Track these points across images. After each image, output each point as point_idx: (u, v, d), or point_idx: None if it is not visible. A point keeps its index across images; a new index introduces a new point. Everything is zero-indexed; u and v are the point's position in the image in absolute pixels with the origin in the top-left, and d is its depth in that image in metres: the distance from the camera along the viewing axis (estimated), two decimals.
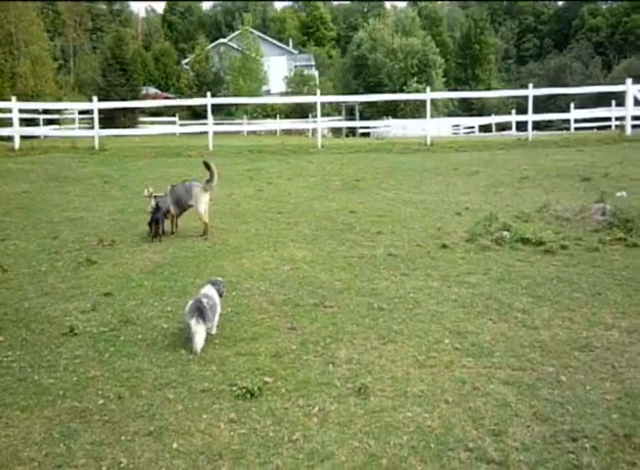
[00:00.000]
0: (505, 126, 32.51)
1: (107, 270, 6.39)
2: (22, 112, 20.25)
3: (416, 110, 45.32)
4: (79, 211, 9.36)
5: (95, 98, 18.92)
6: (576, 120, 27.04)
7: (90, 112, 19.49)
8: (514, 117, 25.10)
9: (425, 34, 61.43)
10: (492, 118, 30.17)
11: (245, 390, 3.71)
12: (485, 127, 36.89)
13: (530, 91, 18.00)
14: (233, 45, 50.47)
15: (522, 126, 23.53)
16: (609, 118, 25.09)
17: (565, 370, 3.93)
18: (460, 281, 5.75)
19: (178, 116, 34.96)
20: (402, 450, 3.12)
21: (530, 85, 18.42)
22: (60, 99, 34.25)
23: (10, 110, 18.41)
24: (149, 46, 69.47)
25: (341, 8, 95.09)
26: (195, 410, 3.56)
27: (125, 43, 40.46)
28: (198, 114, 33.95)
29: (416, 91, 44.12)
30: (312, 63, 57.51)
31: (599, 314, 4.86)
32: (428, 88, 21.55)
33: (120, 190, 11.32)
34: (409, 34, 60.07)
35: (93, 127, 18.57)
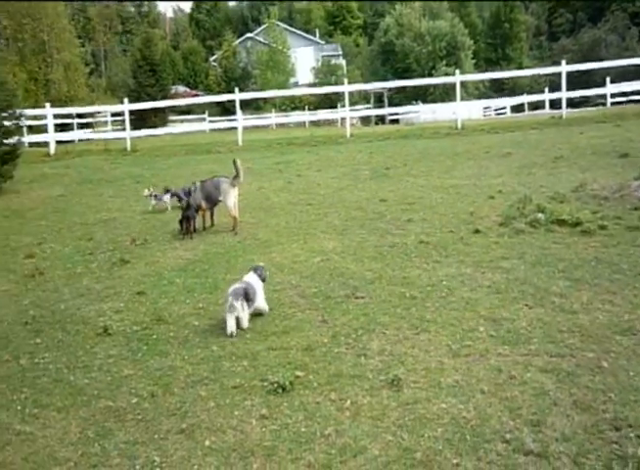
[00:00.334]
0: (538, 105, 31.71)
1: (139, 269, 6.46)
2: (56, 117, 20.73)
3: (445, 93, 44.59)
4: (112, 212, 9.51)
5: (126, 100, 19.20)
6: (613, 95, 26.10)
7: (122, 113, 19.76)
8: (547, 96, 24.43)
9: (453, 16, 60.25)
10: (524, 98, 29.38)
11: (276, 384, 3.68)
12: (518, 107, 36.00)
13: (563, 68, 17.51)
14: (260, 39, 50.56)
15: (555, 104, 22.89)
16: None
17: (606, 356, 3.77)
18: (494, 266, 5.60)
19: (208, 112, 35.25)
20: (437, 443, 3.04)
21: (563, 62, 17.91)
22: (92, 103, 34.86)
23: (44, 116, 18.85)
24: (177, 45, 70.24)
25: None
26: (227, 407, 3.55)
27: (154, 44, 40.90)
28: (227, 109, 34.18)
29: (445, 75, 43.37)
30: (339, 52, 57.10)
31: None
32: (457, 71, 21.12)
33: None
34: (437, 17, 59.04)
35: (125, 129, 18.86)
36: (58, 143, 19.25)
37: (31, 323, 5.16)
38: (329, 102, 39.74)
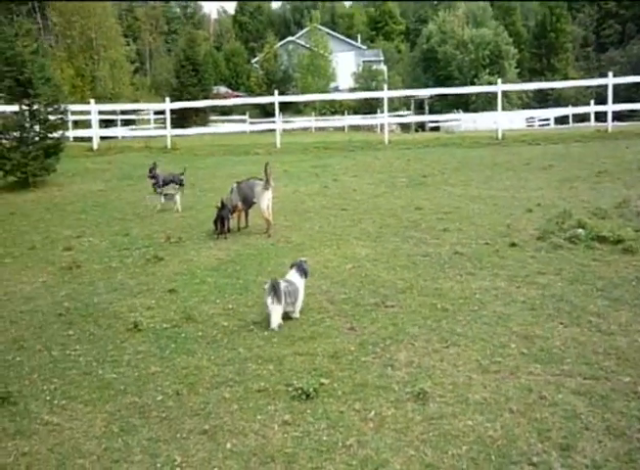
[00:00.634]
0: (583, 118, 30.98)
1: (172, 267, 6.53)
2: (100, 113, 21.23)
3: (487, 102, 44.06)
4: (149, 209, 9.65)
5: (167, 99, 19.53)
6: None
7: (163, 112, 20.13)
8: (592, 108, 23.84)
9: (497, 24, 59.49)
10: (569, 110, 28.77)
11: (300, 391, 3.66)
12: (562, 119, 35.27)
13: (610, 80, 17.07)
14: (301, 42, 50.89)
15: (601, 117, 22.32)
16: None
17: None
18: (529, 281, 5.47)
19: (249, 114, 35.56)
20: (460, 461, 2.96)
21: (610, 74, 17.45)
22: (136, 100, 35.67)
23: (89, 112, 19.32)
24: (220, 46, 71.23)
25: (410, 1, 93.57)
26: (250, 410, 3.54)
27: (198, 44, 41.60)
28: (267, 112, 34.41)
29: (488, 83, 42.81)
30: (381, 58, 56.98)
31: None
32: (499, 80, 20.82)
33: (188, 188, 11.56)
34: (480, 25, 58.39)
35: (166, 127, 19.17)
36: (101, 139, 19.73)
37: (65, 315, 5.26)
38: (369, 107, 39.67)
